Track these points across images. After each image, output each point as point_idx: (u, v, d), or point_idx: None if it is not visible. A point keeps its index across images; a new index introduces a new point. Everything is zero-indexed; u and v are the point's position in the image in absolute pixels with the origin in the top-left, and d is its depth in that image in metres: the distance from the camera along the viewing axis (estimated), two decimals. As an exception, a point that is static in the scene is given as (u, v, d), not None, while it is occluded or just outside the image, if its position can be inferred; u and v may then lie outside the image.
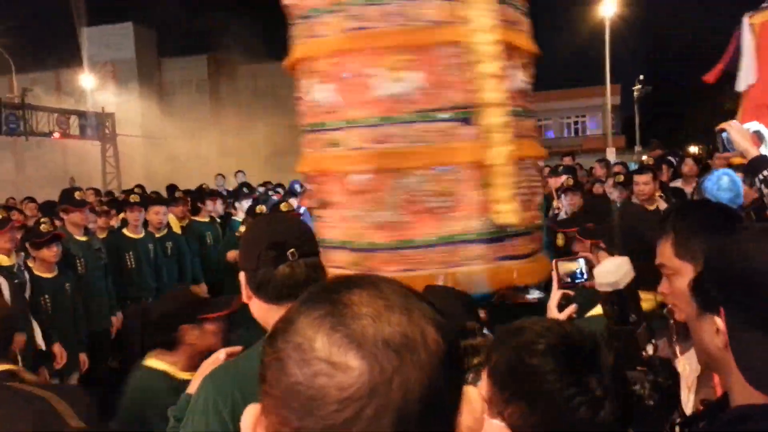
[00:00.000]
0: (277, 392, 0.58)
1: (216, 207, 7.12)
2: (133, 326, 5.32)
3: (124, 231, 5.67)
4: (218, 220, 7.00)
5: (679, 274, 1.24)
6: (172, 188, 9.82)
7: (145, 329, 2.45)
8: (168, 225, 6.22)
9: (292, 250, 1.42)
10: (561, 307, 1.78)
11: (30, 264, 4.52)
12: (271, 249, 1.42)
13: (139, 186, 11.78)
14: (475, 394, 0.63)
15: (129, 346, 5.41)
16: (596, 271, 1.16)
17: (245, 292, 1.49)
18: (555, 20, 37.93)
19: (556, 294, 1.83)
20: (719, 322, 1.01)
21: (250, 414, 0.62)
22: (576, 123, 36.25)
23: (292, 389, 0.57)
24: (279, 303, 1.39)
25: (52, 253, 4.44)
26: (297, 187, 11.35)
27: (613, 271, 1.12)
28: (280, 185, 11.24)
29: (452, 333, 0.63)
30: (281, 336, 0.60)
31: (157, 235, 5.80)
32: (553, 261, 1.89)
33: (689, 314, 1.10)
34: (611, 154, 18.60)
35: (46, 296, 4.43)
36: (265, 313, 1.45)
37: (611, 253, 1.62)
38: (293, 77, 2.55)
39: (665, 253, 1.35)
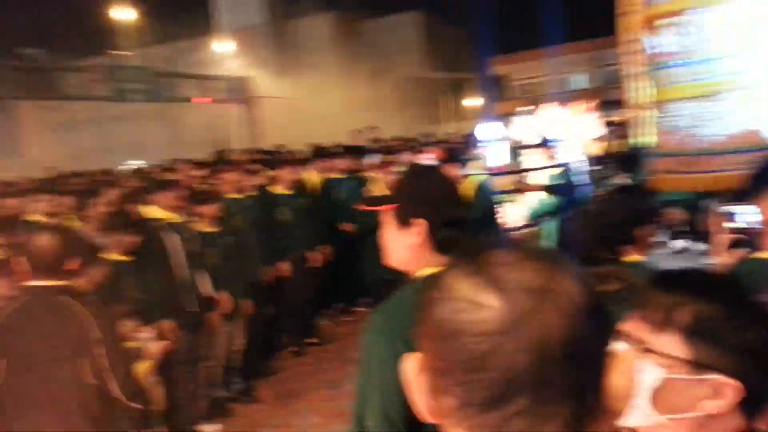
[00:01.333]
0: (428, 329, 0.68)
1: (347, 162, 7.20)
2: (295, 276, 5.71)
3: (275, 188, 6.02)
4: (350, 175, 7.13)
5: None
6: (317, 148, 10.16)
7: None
8: (303, 182, 6.54)
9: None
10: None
11: (194, 220, 4.96)
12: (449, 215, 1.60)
13: (281, 146, 12.49)
14: (629, 355, 0.69)
15: (286, 294, 5.88)
16: None
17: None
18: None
19: (725, 236, 1.91)
20: None
21: (412, 361, 0.71)
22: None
23: (438, 325, 0.66)
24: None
25: (213, 209, 4.86)
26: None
27: None
28: (414, 140, 11.33)
29: (593, 285, 0.66)
30: (433, 286, 0.69)
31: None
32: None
33: None
34: None
35: (211, 249, 4.87)
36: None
37: None
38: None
39: None
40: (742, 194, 1.45)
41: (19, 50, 21.30)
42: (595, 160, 6.56)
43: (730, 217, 1.94)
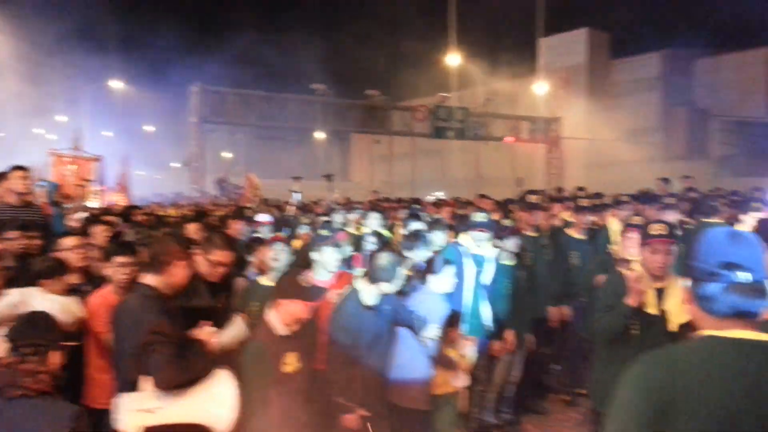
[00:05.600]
0: None
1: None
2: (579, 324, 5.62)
3: (568, 231, 6.01)
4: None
5: None
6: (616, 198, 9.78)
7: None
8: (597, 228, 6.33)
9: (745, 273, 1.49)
10: None
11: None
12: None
13: (581, 188, 12.25)
14: None
15: (564, 337, 5.79)
16: None
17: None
18: None
19: None
20: None
21: None
22: None
23: None
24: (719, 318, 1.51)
25: (512, 245, 5.09)
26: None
27: None
28: (735, 192, 9.99)
29: None
30: None
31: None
32: None
33: None
34: None
35: (505, 281, 5.09)
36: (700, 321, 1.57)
37: None
38: None
39: None
40: None
41: (365, 92, 25.16)
42: None
43: None
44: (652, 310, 3.15)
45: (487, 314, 4.85)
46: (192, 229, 4.85)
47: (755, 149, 26.74)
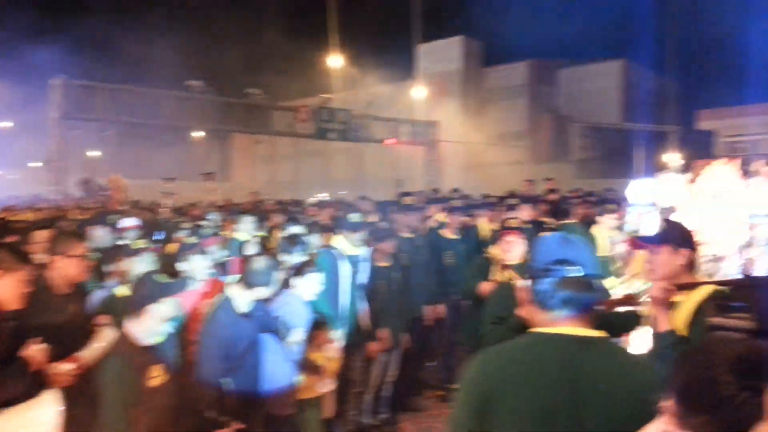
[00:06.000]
0: None
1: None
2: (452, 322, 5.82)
3: (442, 232, 6.22)
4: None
5: None
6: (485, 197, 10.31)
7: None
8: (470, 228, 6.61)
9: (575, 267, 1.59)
10: None
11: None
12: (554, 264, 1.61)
13: (456, 190, 12.77)
14: None
15: (439, 337, 5.99)
16: None
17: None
18: None
19: None
20: None
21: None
22: None
23: None
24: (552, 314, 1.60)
25: (389, 246, 5.17)
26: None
27: None
28: (591, 193, 10.92)
29: None
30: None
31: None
32: None
33: None
34: None
35: (382, 282, 5.16)
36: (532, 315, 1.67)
37: None
38: None
39: None
40: None
41: (246, 90, 24.44)
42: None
43: None
44: None
45: (363, 315, 4.89)
46: (42, 236, 4.42)
47: (610, 153, 29.29)
